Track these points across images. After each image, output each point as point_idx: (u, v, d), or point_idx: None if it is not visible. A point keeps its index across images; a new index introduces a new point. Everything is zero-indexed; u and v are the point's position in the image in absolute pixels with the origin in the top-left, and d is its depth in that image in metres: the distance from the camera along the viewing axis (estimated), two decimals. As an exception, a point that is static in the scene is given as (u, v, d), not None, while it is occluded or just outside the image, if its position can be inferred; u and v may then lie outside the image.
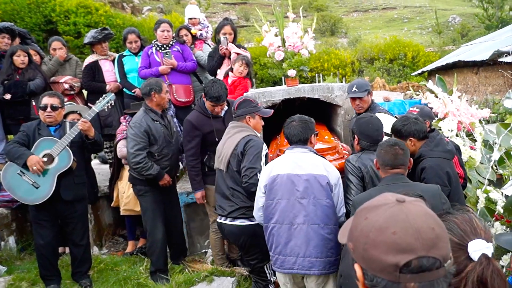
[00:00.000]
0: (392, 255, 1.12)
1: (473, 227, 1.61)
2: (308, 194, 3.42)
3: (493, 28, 22.58)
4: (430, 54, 20.75)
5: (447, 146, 3.71)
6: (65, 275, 5.05)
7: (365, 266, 1.17)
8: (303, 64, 5.55)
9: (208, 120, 4.77)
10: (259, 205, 3.65)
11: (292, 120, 3.69)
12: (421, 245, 1.12)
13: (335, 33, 33.67)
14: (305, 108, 5.75)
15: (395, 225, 1.14)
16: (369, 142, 3.65)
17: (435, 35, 27.45)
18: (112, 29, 8.40)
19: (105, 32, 6.41)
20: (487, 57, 9.85)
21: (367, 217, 1.20)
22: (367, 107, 4.56)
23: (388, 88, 15.07)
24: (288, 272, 3.51)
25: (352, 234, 1.23)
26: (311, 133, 3.65)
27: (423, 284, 1.12)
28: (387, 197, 1.24)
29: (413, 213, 1.17)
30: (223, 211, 4.06)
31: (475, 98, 10.37)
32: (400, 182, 3.03)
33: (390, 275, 1.13)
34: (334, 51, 21.01)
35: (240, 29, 30.04)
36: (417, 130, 3.62)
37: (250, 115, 4.16)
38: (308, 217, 3.40)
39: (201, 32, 6.80)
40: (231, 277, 4.86)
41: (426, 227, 1.15)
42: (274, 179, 3.52)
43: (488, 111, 5.23)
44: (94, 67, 6.34)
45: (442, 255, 1.14)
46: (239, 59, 5.62)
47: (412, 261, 1.11)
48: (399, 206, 1.19)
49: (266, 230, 3.58)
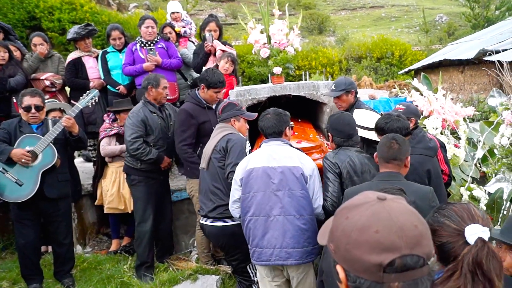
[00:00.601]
0: (376, 255, 1.09)
1: (471, 214, 1.64)
2: (283, 186, 3.45)
3: (479, 27, 22.82)
4: (417, 53, 20.88)
5: (429, 143, 3.73)
6: (47, 274, 4.99)
7: (348, 267, 1.14)
8: (289, 62, 5.53)
9: (203, 110, 4.77)
10: (235, 198, 3.66)
11: (266, 113, 3.72)
12: (405, 243, 1.09)
13: (323, 31, 33.71)
14: (291, 106, 5.74)
15: (377, 224, 1.11)
16: (341, 137, 3.66)
17: (422, 34, 27.63)
18: (97, 26, 8.32)
19: (89, 28, 6.32)
20: (473, 56, 9.92)
21: (348, 217, 1.16)
22: (346, 106, 4.53)
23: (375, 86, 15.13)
24: (265, 264, 3.52)
25: (333, 235, 1.20)
26: (285, 125, 3.68)
27: (408, 283, 1.10)
28: (368, 195, 1.20)
29: (395, 211, 1.14)
30: (202, 211, 4.06)
31: (461, 96, 10.44)
32: (393, 180, 2.99)
33: (374, 275, 1.09)
34: (322, 49, 21.03)
35: (228, 27, 30.02)
36: (399, 127, 3.61)
37: (235, 118, 4.19)
38: (284, 209, 3.43)
39: (185, 29, 6.74)
40: (215, 275, 4.85)
41: (409, 225, 1.12)
42: (250, 173, 3.53)
43: (472, 109, 5.25)
44: (77, 64, 6.24)
45: (426, 253, 1.12)
46: (224, 56, 5.57)
47: (396, 260, 1.08)
48: (380, 204, 1.15)
49: (243, 224, 3.59)
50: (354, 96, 4.58)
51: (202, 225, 4.14)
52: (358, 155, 3.63)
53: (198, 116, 4.72)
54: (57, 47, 13.03)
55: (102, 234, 6.39)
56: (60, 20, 14.08)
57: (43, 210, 4.64)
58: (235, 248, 3.97)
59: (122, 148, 5.43)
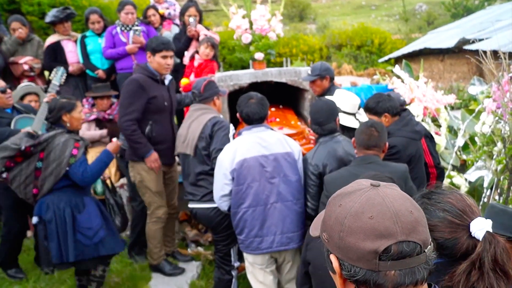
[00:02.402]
0: (370, 241, 1.05)
1: (469, 206, 1.62)
2: (278, 173, 3.45)
3: (459, 16, 23.01)
4: (397, 41, 20.98)
5: (415, 127, 3.73)
6: (26, 259, 4.93)
7: (342, 256, 1.10)
8: (271, 48, 5.49)
9: (154, 83, 4.36)
10: (225, 192, 3.56)
11: (249, 98, 3.63)
12: (400, 229, 1.06)
13: (304, 19, 33.62)
14: (272, 92, 5.70)
15: (371, 209, 1.08)
16: (314, 125, 3.58)
17: (402, 23, 27.78)
18: (77, 11, 8.13)
19: (67, 11, 6.17)
20: (453, 45, 9.98)
21: (341, 204, 1.13)
22: (320, 91, 4.59)
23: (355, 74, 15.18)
24: (267, 252, 3.51)
25: (326, 224, 1.16)
26: (268, 110, 3.66)
27: (404, 271, 1.06)
28: (361, 183, 1.17)
29: (390, 197, 1.10)
30: (195, 196, 3.99)
31: (440, 85, 10.52)
32: (370, 162, 3.07)
33: (369, 263, 1.06)
34: (303, 36, 20.98)
35: (209, 13, 29.75)
36: (391, 106, 3.68)
37: (216, 95, 4.15)
38: (280, 196, 3.45)
39: (169, 11, 6.63)
40: (196, 261, 4.83)
41: (405, 210, 1.08)
42: (241, 164, 3.46)
43: (453, 97, 5.28)
44: (56, 48, 6.09)
45: (422, 240, 1.08)
46: (204, 41, 5.49)
47: (392, 247, 1.04)
48: (374, 190, 1.12)
49: (236, 216, 3.53)
50: (329, 82, 4.61)
51: (193, 209, 4.08)
52: (341, 143, 3.50)
53: (149, 89, 4.28)
54: (37, 31, 12.73)
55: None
56: (40, 4, 13.78)
57: None
58: (226, 228, 3.93)
59: (102, 134, 5.35)
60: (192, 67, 5.60)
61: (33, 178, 3.74)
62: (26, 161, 3.72)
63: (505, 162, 3.59)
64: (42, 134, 3.80)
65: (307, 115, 5.35)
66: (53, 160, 3.71)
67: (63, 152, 3.71)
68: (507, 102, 3.46)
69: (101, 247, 3.85)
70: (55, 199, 3.77)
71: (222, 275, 4.09)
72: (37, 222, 3.81)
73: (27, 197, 3.80)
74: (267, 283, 3.66)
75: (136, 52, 5.84)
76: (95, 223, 3.85)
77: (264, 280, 3.66)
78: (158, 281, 4.51)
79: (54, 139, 3.74)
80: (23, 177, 3.73)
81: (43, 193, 3.76)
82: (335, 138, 3.52)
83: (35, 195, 3.78)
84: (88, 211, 3.86)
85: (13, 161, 3.68)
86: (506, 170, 3.65)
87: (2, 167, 3.67)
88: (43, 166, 3.73)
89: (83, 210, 3.83)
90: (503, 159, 3.59)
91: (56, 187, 3.77)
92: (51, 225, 3.73)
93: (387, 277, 1.06)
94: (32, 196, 3.79)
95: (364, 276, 1.07)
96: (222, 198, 3.60)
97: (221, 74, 5.46)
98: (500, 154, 3.71)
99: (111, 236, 3.94)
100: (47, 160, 3.72)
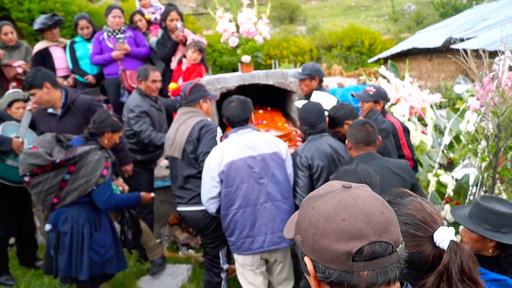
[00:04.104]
0: (344, 243, 1.07)
1: (430, 215, 1.59)
2: (266, 173, 3.50)
3: (447, 16, 23.17)
4: (387, 41, 21.06)
5: (381, 125, 3.79)
6: (16, 266, 4.98)
7: (316, 258, 1.12)
8: (258, 50, 5.52)
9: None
10: (213, 195, 3.58)
11: (230, 101, 3.71)
12: (373, 230, 1.08)
13: (294, 20, 33.71)
14: (260, 95, 5.73)
15: (344, 211, 1.09)
16: (305, 125, 3.73)
17: (391, 23, 27.93)
18: (67, 16, 8.13)
19: (56, 18, 6.17)
20: (440, 44, 10.05)
21: (314, 207, 1.14)
22: (308, 91, 4.63)
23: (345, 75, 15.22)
24: (258, 252, 3.54)
25: (300, 226, 1.17)
26: (251, 112, 3.70)
27: (377, 271, 1.08)
28: (333, 184, 1.19)
29: (361, 198, 1.12)
30: (183, 199, 4.00)
31: (429, 84, 10.59)
32: (374, 158, 3.20)
33: (343, 265, 1.08)
34: (293, 38, 21.02)
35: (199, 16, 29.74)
36: (347, 113, 3.82)
37: (203, 99, 4.15)
38: (269, 195, 3.49)
39: (155, 16, 6.65)
40: (186, 264, 4.84)
41: (376, 211, 1.10)
42: (229, 166, 3.49)
43: (439, 96, 5.33)
44: (44, 54, 6.09)
45: (394, 240, 1.10)
46: (191, 45, 5.51)
47: (365, 247, 1.06)
48: (346, 192, 1.14)
49: (226, 218, 3.55)
50: (318, 83, 4.65)
51: (181, 212, 4.09)
52: (329, 142, 3.65)
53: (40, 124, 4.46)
54: (27, 37, 12.70)
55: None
56: (30, 10, 13.73)
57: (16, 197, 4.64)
58: (214, 230, 3.95)
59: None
60: (180, 71, 5.62)
61: (57, 188, 3.69)
62: (54, 171, 3.66)
63: (489, 160, 3.64)
64: (77, 148, 3.74)
65: (295, 117, 5.40)
66: (82, 176, 3.68)
67: (94, 171, 3.70)
68: (489, 100, 3.51)
69: (108, 265, 3.87)
70: (75, 213, 3.75)
71: (212, 278, 4.10)
72: (50, 230, 3.80)
73: (45, 204, 3.75)
74: (257, 284, 3.68)
75: (121, 58, 5.85)
76: (108, 241, 3.87)
77: (254, 281, 3.68)
78: (148, 285, 4.52)
79: (88, 155, 3.71)
80: (47, 186, 3.67)
81: (63, 204, 3.73)
82: (325, 136, 3.68)
83: (54, 204, 3.74)
84: (104, 229, 3.87)
85: (42, 169, 3.64)
86: (490, 167, 3.69)
87: (28, 172, 3.63)
88: (71, 179, 3.69)
89: (100, 228, 3.85)
90: (486, 156, 3.64)
91: (78, 201, 3.76)
92: (65, 238, 3.72)
93: (360, 278, 1.08)
94: (50, 205, 3.74)
95: (338, 277, 1.09)
96: (210, 200, 3.61)
97: (209, 77, 5.48)
98: (484, 152, 3.75)
99: (117, 255, 3.97)
100: (76, 175, 3.68)
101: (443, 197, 4.34)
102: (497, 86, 3.50)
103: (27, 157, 3.62)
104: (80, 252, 3.74)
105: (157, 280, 4.57)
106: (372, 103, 4.14)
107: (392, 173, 3.18)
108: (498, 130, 3.48)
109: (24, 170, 3.63)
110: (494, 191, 3.70)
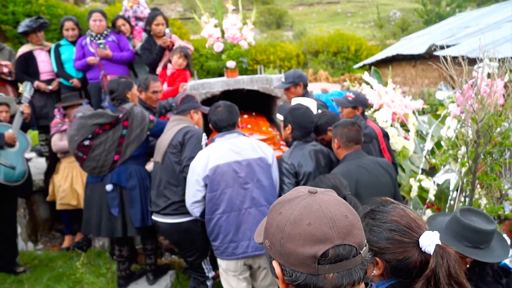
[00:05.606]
0: (309, 247, 1.11)
1: (414, 221, 1.62)
2: (251, 178, 3.50)
3: (431, 23, 23.45)
4: (372, 47, 21.28)
5: (365, 130, 3.84)
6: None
7: (283, 262, 1.16)
8: (242, 56, 5.54)
9: None
10: (197, 199, 3.58)
11: (217, 106, 3.73)
12: (337, 233, 1.11)
13: (281, 26, 33.88)
14: (245, 100, 5.75)
15: (309, 216, 1.13)
16: (302, 133, 3.70)
17: (376, 29, 28.18)
18: (52, 20, 8.07)
19: (40, 21, 6.12)
20: (423, 51, 10.17)
21: (281, 212, 1.18)
22: (294, 98, 4.61)
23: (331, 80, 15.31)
24: (242, 257, 3.53)
25: (268, 231, 1.21)
26: (237, 116, 3.72)
27: (342, 273, 1.11)
28: (300, 190, 1.23)
29: (326, 203, 1.16)
30: (157, 207, 3.96)
31: (413, 90, 10.70)
32: (364, 155, 3.39)
33: (309, 268, 1.11)
34: (280, 43, 21.14)
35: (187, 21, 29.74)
36: (329, 119, 3.88)
37: (194, 109, 4.16)
38: (254, 201, 3.49)
39: (137, 7, 6.64)
40: (170, 270, 4.82)
41: (340, 215, 1.14)
42: (214, 170, 3.49)
43: (421, 102, 5.38)
44: (28, 57, 6.03)
45: (358, 242, 1.14)
46: (177, 51, 5.51)
47: (329, 251, 1.10)
48: (311, 197, 1.18)
49: (210, 222, 3.54)
50: (303, 88, 4.68)
51: (155, 222, 4.06)
52: (316, 149, 3.66)
53: None
54: (11, 40, 12.64)
55: (55, 230, 6.24)
56: (14, 13, 13.65)
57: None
58: (191, 243, 3.94)
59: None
60: (165, 76, 5.62)
61: (116, 144, 4.10)
62: (112, 130, 4.08)
63: (468, 165, 3.69)
64: (124, 107, 4.17)
65: (279, 122, 5.43)
66: (136, 127, 4.14)
67: (144, 119, 4.19)
68: (469, 107, 3.56)
69: (147, 219, 4.24)
70: (137, 169, 4.24)
71: (198, 285, 4.10)
72: (111, 190, 4.16)
73: (106, 163, 4.10)
74: None
75: (96, 63, 5.81)
76: None
77: (237, 286, 3.67)
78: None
79: (133, 109, 4.17)
80: (109, 143, 4.08)
81: (124, 158, 4.14)
82: (310, 142, 3.71)
83: (115, 161, 4.12)
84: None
85: (102, 128, 4.03)
86: (469, 172, 3.74)
87: (90, 134, 4.00)
88: (127, 133, 4.12)
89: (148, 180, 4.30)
90: (465, 162, 3.69)
91: (133, 154, 4.19)
92: (133, 192, 4.17)
93: (326, 280, 1.12)
94: (111, 163, 4.11)
95: (305, 280, 1.12)
96: (194, 204, 3.61)
97: (193, 82, 5.48)
98: (464, 158, 3.81)
99: None
100: (131, 127, 4.13)
101: (424, 202, 4.38)
102: (476, 93, 3.56)
103: (87, 120, 4.01)
104: (146, 202, 4.22)
105: (140, 286, 4.54)
106: (351, 108, 4.19)
107: (382, 168, 3.35)
108: (477, 136, 3.53)
109: (86, 133, 4.00)
110: (474, 196, 3.75)
